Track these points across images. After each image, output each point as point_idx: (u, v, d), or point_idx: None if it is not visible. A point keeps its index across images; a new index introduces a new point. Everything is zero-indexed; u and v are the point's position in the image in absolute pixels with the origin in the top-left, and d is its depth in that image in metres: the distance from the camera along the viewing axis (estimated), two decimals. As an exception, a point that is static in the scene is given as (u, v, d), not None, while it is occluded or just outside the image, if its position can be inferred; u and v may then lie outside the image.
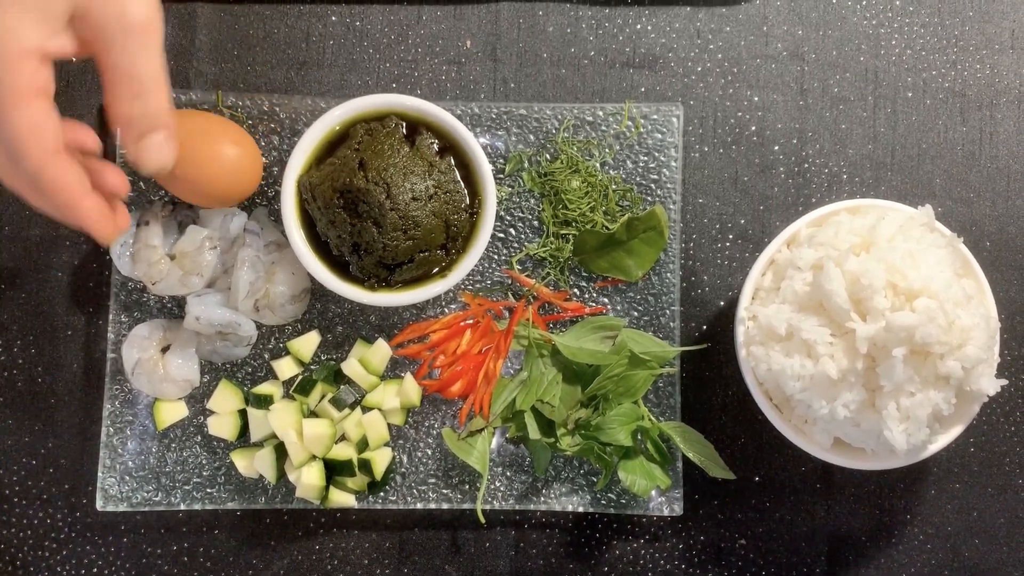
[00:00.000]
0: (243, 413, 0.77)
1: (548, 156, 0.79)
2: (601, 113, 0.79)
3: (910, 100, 0.82)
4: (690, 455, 0.76)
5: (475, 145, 0.74)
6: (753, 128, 0.81)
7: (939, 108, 0.82)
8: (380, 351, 0.77)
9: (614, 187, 0.79)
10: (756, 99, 0.82)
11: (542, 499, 0.77)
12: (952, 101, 0.82)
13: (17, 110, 0.54)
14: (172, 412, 0.77)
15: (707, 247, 0.81)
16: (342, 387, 0.77)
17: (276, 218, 0.77)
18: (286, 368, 0.77)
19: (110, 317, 0.77)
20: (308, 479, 0.74)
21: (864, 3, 0.82)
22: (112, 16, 0.55)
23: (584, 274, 0.79)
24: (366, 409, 0.77)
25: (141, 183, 0.77)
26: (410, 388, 0.76)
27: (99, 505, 0.76)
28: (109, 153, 0.80)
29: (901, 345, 0.63)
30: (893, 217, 0.69)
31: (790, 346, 0.68)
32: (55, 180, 0.56)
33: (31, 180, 0.56)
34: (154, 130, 0.59)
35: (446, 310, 0.79)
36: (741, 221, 0.81)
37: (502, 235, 0.79)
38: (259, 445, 0.77)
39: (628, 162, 0.79)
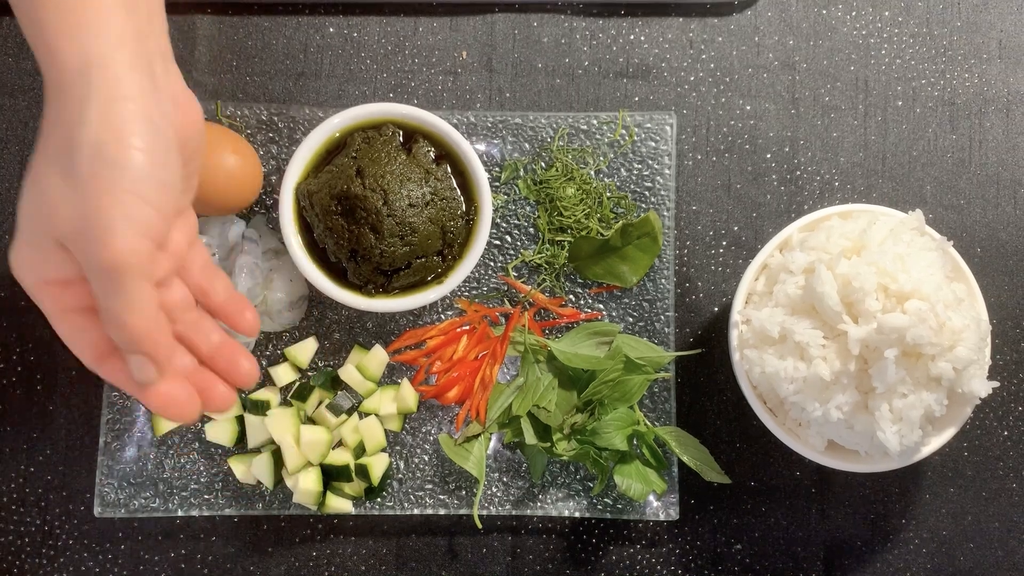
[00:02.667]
0: (240, 419, 0.77)
1: (543, 164, 0.80)
2: (595, 122, 0.80)
3: (900, 109, 0.83)
4: (686, 459, 0.76)
5: (471, 153, 0.75)
6: (745, 136, 0.82)
7: (929, 116, 0.83)
8: (377, 357, 0.77)
9: (608, 194, 0.79)
10: (748, 108, 0.83)
11: (538, 504, 0.78)
12: (942, 109, 0.83)
13: (57, 326, 0.56)
14: (170, 418, 0.77)
15: (701, 253, 0.82)
16: (339, 393, 0.78)
17: (274, 225, 0.78)
18: (283, 374, 0.77)
19: (109, 324, 0.77)
20: (305, 485, 0.74)
21: (854, 14, 0.84)
22: (82, 253, 0.52)
23: (579, 280, 0.79)
24: (363, 415, 0.77)
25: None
26: (407, 394, 0.77)
27: (97, 511, 0.76)
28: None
29: (893, 346, 0.64)
30: (884, 221, 0.70)
31: (783, 349, 0.69)
32: (108, 379, 0.57)
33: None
34: (133, 352, 0.55)
35: (443, 316, 0.79)
36: (734, 228, 0.82)
37: (498, 242, 0.79)
38: (256, 451, 0.77)
39: (622, 170, 0.80)
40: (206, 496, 0.77)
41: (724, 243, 0.82)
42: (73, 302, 0.56)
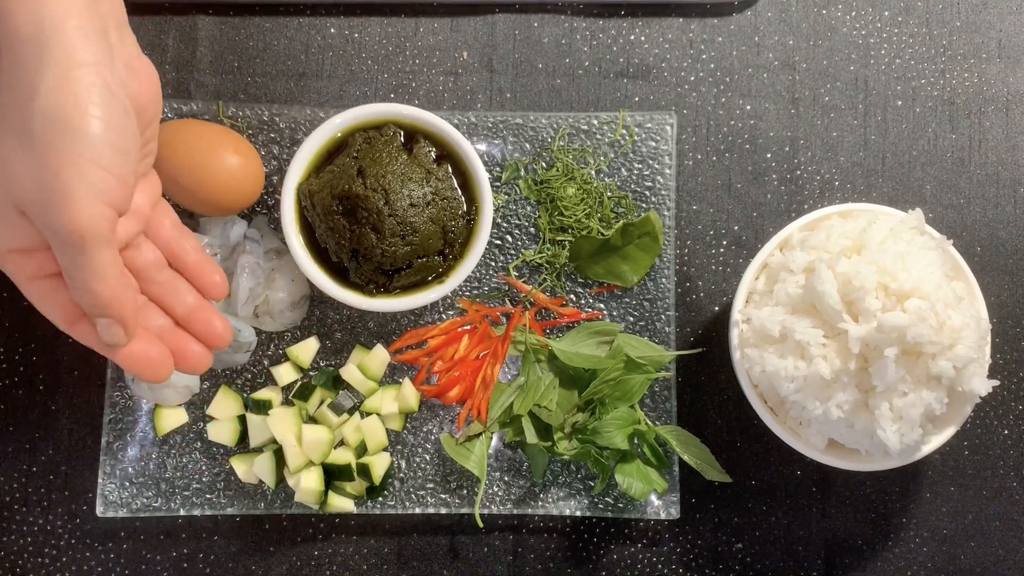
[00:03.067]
0: (242, 419, 0.77)
1: (544, 164, 0.80)
2: (596, 122, 0.80)
3: (900, 108, 0.83)
4: (686, 458, 0.76)
5: (472, 153, 0.75)
6: (746, 136, 0.83)
7: (929, 116, 0.83)
8: (378, 357, 0.78)
9: (609, 194, 0.80)
10: (748, 108, 0.83)
11: (540, 503, 0.78)
12: (941, 109, 0.84)
13: (26, 293, 0.57)
14: (172, 418, 0.77)
15: (701, 253, 0.82)
16: (341, 393, 0.78)
17: (276, 225, 0.78)
18: (285, 374, 0.78)
19: (111, 324, 0.77)
20: (307, 484, 0.74)
21: (854, 14, 0.84)
22: (39, 224, 0.53)
23: (580, 280, 0.80)
24: (364, 414, 0.78)
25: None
26: (408, 393, 0.77)
27: (99, 511, 0.76)
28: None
29: (893, 345, 0.64)
30: (884, 220, 0.70)
31: (783, 348, 0.69)
32: (81, 340, 0.59)
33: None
34: (101, 316, 0.57)
35: (444, 316, 0.79)
36: (735, 227, 0.82)
37: (499, 242, 0.80)
38: (258, 451, 0.77)
39: (623, 170, 0.80)
40: (208, 496, 0.77)
41: (724, 242, 0.82)
42: (38, 269, 0.56)
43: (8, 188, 0.53)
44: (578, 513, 0.78)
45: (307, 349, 0.78)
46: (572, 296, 0.80)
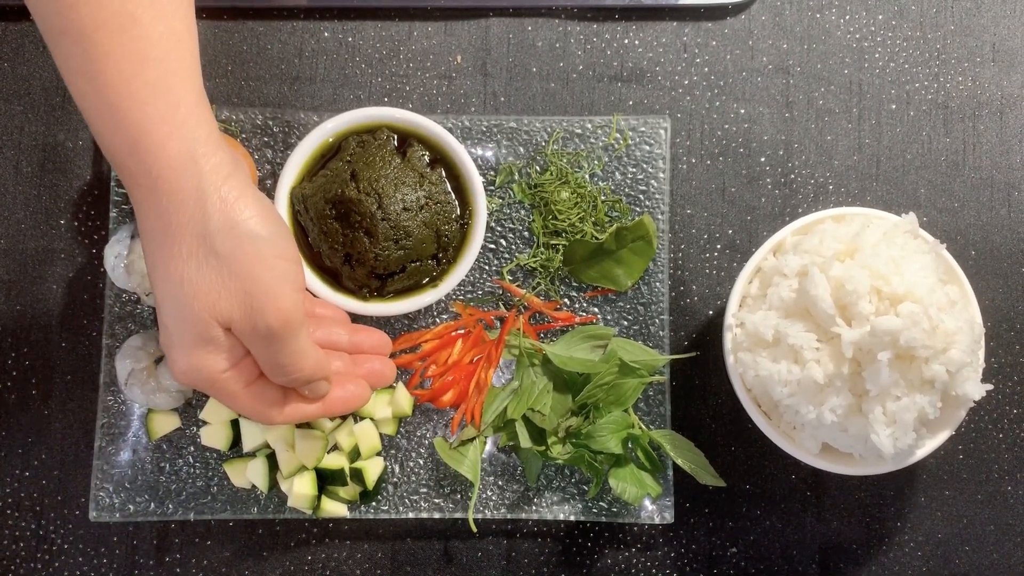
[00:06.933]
0: (235, 423, 0.77)
1: (538, 168, 0.80)
2: (590, 126, 0.80)
3: (894, 112, 0.83)
4: (680, 463, 0.76)
5: (465, 156, 0.75)
6: (740, 140, 0.83)
7: (923, 120, 0.83)
8: (372, 361, 0.78)
9: (603, 198, 0.80)
10: (742, 111, 0.83)
11: (534, 508, 0.78)
12: (935, 113, 0.84)
13: (242, 405, 0.61)
14: (165, 423, 0.77)
15: (695, 257, 0.82)
16: (334, 397, 0.78)
17: (269, 230, 0.78)
18: (279, 378, 0.77)
19: (104, 328, 0.77)
20: (300, 488, 0.74)
21: (848, 17, 0.84)
22: (248, 329, 0.57)
23: (574, 284, 0.80)
24: (358, 419, 0.77)
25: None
26: (402, 398, 0.77)
27: (92, 516, 0.76)
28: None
29: (886, 349, 0.64)
30: (877, 224, 0.70)
31: (777, 352, 0.69)
32: (292, 419, 0.64)
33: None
34: (309, 383, 0.63)
35: (437, 320, 0.79)
36: (729, 231, 0.82)
37: (493, 246, 0.80)
38: (251, 455, 0.77)
39: (617, 173, 0.80)
40: (201, 500, 0.77)
41: (718, 246, 0.82)
42: (250, 375, 0.60)
43: (212, 309, 0.56)
44: (572, 517, 0.78)
45: (300, 353, 0.78)
46: (566, 300, 0.80)
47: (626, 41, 0.83)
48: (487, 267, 0.79)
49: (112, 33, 0.54)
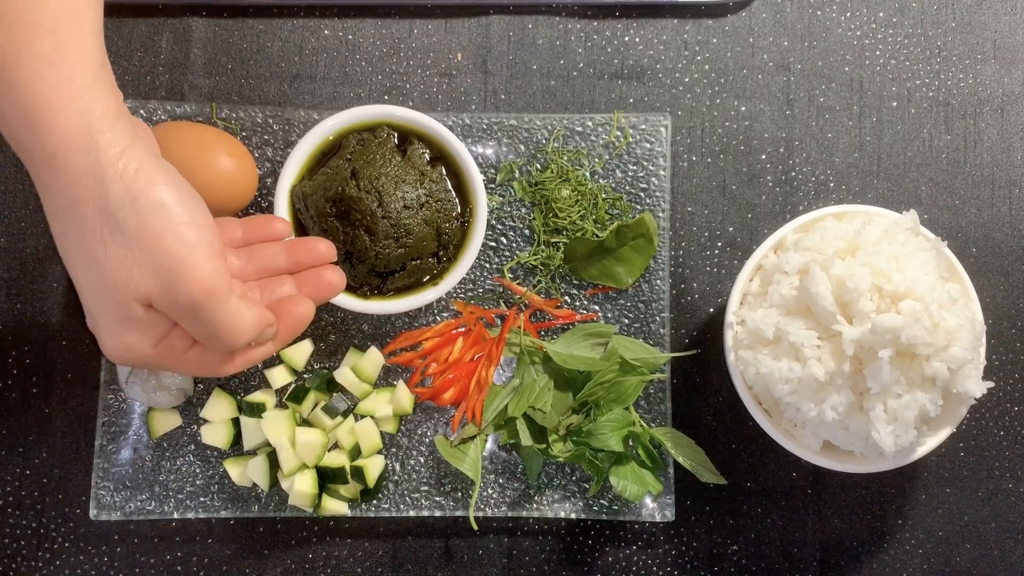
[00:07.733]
0: (236, 422, 0.77)
1: (538, 166, 0.80)
2: (590, 123, 0.80)
3: (895, 109, 0.83)
4: (681, 461, 0.76)
5: (466, 154, 0.75)
6: (740, 137, 0.83)
7: (924, 117, 0.83)
8: (373, 359, 0.77)
9: (604, 196, 0.79)
10: (743, 109, 0.83)
11: (534, 506, 0.78)
12: (936, 110, 0.84)
13: (184, 370, 0.59)
14: (166, 421, 0.77)
15: (696, 255, 0.82)
16: (335, 395, 0.77)
17: (269, 228, 0.78)
18: (279, 377, 0.77)
19: (104, 327, 0.77)
20: (301, 487, 0.74)
21: (848, 14, 0.84)
22: (170, 304, 0.54)
23: (575, 282, 0.79)
24: (359, 417, 0.77)
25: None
26: (403, 396, 0.77)
27: (92, 514, 0.76)
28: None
29: (887, 347, 0.64)
30: (878, 222, 0.70)
31: (778, 350, 0.69)
32: (241, 368, 0.61)
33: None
34: (250, 345, 0.60)
35: (438, 318, 0.79)
36: (730, 229, 0.82)
37: (493, 244, 0.79)
38: (252, 454, 0.77)
39: (617, 171, 0.80)
40: (202, 499, 0.77)
41: (719, 244, 0.82)
42: (183, 344, 0.58)
43: (128, 287, 0.54)
44: (573, 515, 0.78)
45: (301, 351, 0.78)
46: (567, 298, 0.79)
47: (627, 38, 0.83)
48: (488, 265, 0.79)
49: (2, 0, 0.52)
